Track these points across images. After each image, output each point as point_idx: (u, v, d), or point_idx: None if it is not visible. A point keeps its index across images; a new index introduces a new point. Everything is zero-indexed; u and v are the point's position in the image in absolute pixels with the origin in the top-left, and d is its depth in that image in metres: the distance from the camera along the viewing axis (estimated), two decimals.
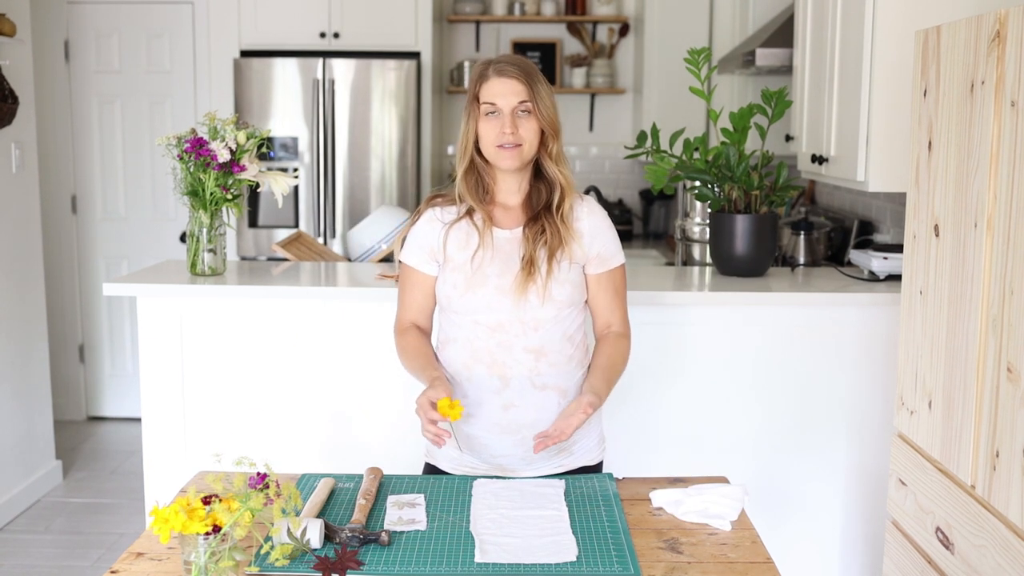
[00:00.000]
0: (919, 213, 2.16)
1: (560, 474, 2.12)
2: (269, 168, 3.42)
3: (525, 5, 5.51)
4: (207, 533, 1.51)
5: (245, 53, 5.08)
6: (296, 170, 4.92)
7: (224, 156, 2.68)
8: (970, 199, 1.91)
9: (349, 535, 1.72)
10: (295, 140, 4.96)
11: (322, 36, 5.04)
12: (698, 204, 3.31)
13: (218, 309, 2.77)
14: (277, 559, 1.59)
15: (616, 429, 2.68)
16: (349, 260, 3.37)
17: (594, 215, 2.15)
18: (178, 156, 2.72)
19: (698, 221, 3.34)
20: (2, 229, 4.08)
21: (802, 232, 3.78)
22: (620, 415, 2.72)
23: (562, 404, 2.09)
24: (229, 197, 2.75)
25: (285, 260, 3.23)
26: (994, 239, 1.82)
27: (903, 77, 2.66)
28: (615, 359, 2.13)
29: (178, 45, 5.18)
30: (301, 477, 2.06)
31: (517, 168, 2.09)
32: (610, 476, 2.07)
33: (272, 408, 2.78)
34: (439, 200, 2.17)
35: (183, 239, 5.15)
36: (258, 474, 1.60)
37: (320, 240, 4.85)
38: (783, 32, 3.85)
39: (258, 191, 3.74)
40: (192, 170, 2.72)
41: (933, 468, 2.08)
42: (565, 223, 2.10)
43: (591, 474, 2.12)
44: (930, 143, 2.09)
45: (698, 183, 2.88)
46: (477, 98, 2.08)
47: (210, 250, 2.82)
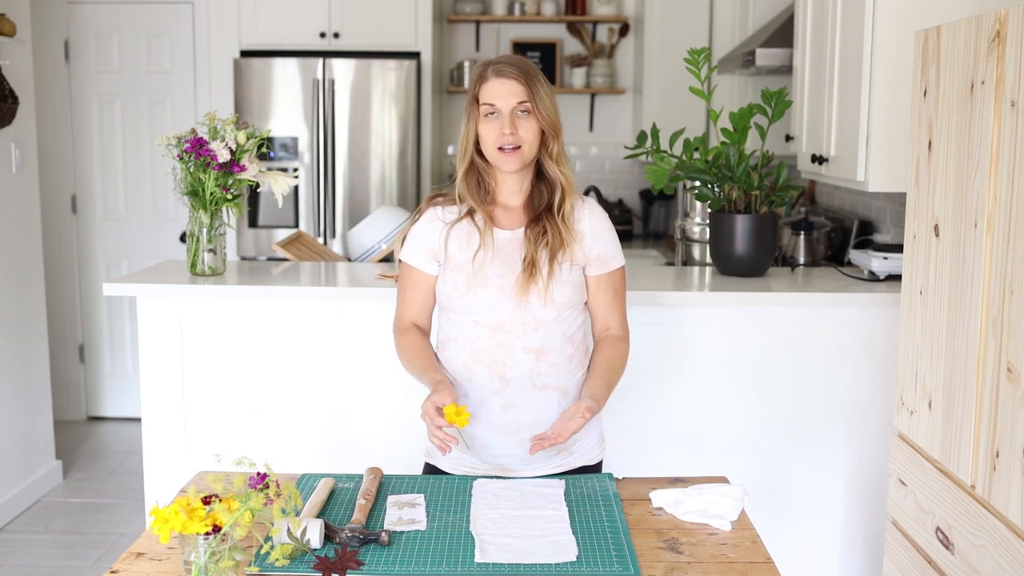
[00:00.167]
0: (919, 213, 2.16)
1: (560, 474, 2.12)
2: (269, 168, 3.42)
3: (525, 5, 5.51)
4: (207, 533, 1.51)
5: (245, 53, 5.08)
6: (296, 170, 4.92)
7: (224, 156, 2.68)
8: (970, 199, 1.91)
9: (349, 535, 1.72)
10: (295, 140, 4.96)
11: (322, 36, 5.04)
12: (698, 204, 3.31)
13: (218, 309, 2.77)
14: (277, 559, 1.59)
15: (616, 429, 2.68)
16: (349, 260, 3.37)
17: (595, 216, 2.15)
18: (178, 156, 2.72)
19: (698, 221, 3.34)
20: (2, 229, 4.08)
21: (802, 232, 3.78)
22: (620, 415, 2.72)
23: (562, 404, 2.09)
24: (229, 197, 2.75)
25: (285, 260, 3.23)
26: (994, 239, 1.82)
27: (903, 77, 2.66)
28: (614, 362, 2.13)
29: (178, 45, 5.18)
30: (301, 477, 2.06)
31: (518, 169, 2.09)
32: (610, 476, 2.07)
33: (272, 408, 2.78)
34: (440, 200, 2.17)
35: (183, 239, 5.15)
36: (258, 474, 1.60)
37: (320, 240, 4.85)
38: (783, 32, 3.85)
39: (258, 191, 3.74)
40: (192, 170, 2.72)
41: (933, 468, 2.08)
42: (566, 224, 2.10)
43: (591, 474, 2.12)
44: (930, 143, 2.09)
45: (698, 183, 2.88)
46: (477, 99, 2.08)
47: (210, 250, 2.82)
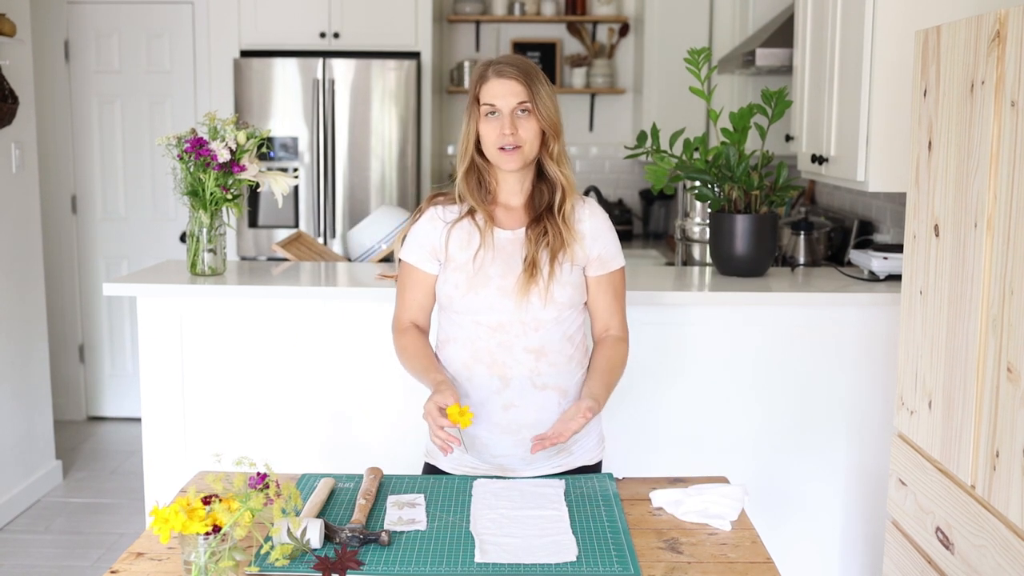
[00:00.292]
0: (919, 213, 2.16)
1: (560, 474, 2.12)
2: (269, 168, 3.42)
3: (525, 5, 5.51)
4: (207, 533, 1.51)
5: (245, 53, 5.08)
6: (296, 170, 4.92)
7: (224, 156, 2.68)
8: (970, 199, 1.91)
9: (349, 535, 1.72)
10: (295, 140, 4.96)
11: (322, 36, 5.04)
12: (698, 204, 3.31)
13: (218, 309, 2.77)
14: (277, 559, 1.59)
15: (616, 429, 2.68)
16: (349, 260, 3.37)
17: (595, 217, 2.15)
18: (178, 156, 2.72)
19: (698, 221, 3.34)
20: (2, 229, 4.08)
21: (802, 232, 3.78)
22: (620, 415, 2.72)
23: (562, 404, 2.09)
24: (229, 197, 2.75)
25: (285, 260, 3.23)
26: (994, 239, 1.82)
27: (903, 77, 2.66)
28: (614, 363, 2.13)
29: (178, 45, 5.18)
30: (301, 477, 2.06)
31: (518, 169, 2.09)
32: (610, 476, 2.07)
33: (272, 408, 2.78)
34: (441, 199, 2.17)
35: (183, 239, 5.15)
36: (258, 474, 1.60)
37: (320, 240, 4.85)
38: (783, 32, 3.85)
39: (258, 191, 3.74)
40: (192, 170, 2.72)
41: (933, 468, 2.08)
42: (567, 224, 2.10)
43: (591, 474, 2.12)
44: (930, 143, 2.09)
45: (698, 183, 2.88)
46: (477, 99, 2.08)
47: (210, 250, 2.82)
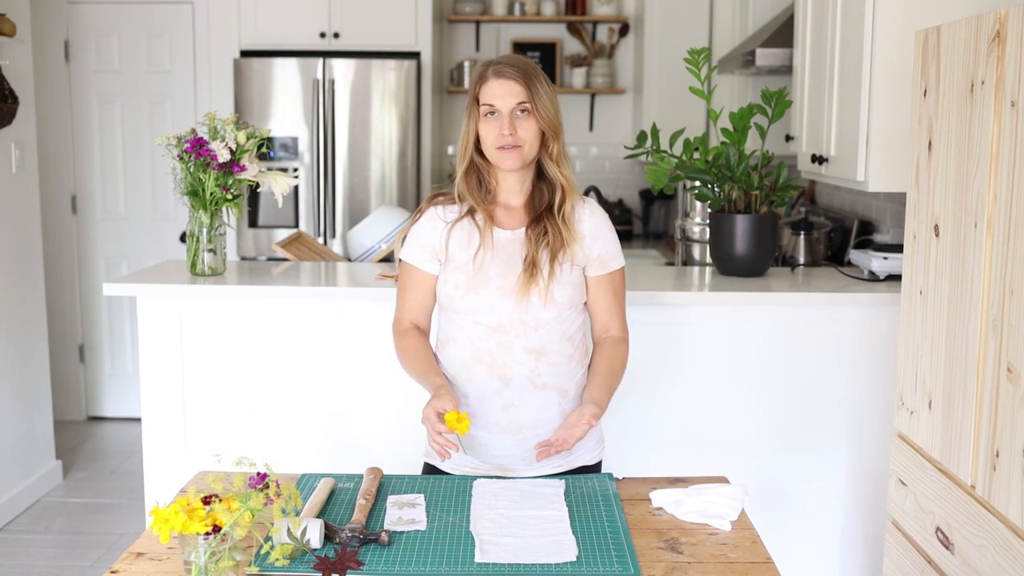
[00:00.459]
0: (919, 213, 2.16)
1: (560, 474, 2.12)
2: (269, 168, 3.42)
3: (525, 5, 5.51)
4: (207, 533, 1.51)
5: (245, 53, 5.08)
6: (296, 170, 4.92)
7: (224, 156, 2.68)
8: (970, 199, 1.91)
9: (349, 535, 1.72)
10: (295, 140, 4.96)
11: (322, 36, 5.04)
12: (698, 204, 3.31)
13: (218, 309, 2.77)
14: (277, 559, 1.59)
15: (616, 429, 2.68)
16: (349, 260, 3.37)
17: (595, 217, 2.15)
18: (178, 156, 2.72)
19: (698, 221, 3.34)
20: (2, 229, 4.08)
21: (802, 232, 3.78)
22: (620, 415, 2.72)
23: (562, 404, 2.10)
24: (229, 197, 2.75)
25: (285, 260, 3.23)
26: (994, 239, 1.82)
27: (903, 77, 2.66)
28: (615, 365, 2.13)
29: (178, 45, 5.18)
30: (301, 477, 2.06)
31: (518, 168, 2.09)
32: (610, 476, 2.07)
33: (272, 408, 2.78)
34: (441, 199, 2.17)
35: (183, 239, 5.15)
36: (258, 474, 1.60)
37: (320, 240, 4.85)
38: (783, 32, 3.85)
39: (258, 191, 3.74)
40: (192, 170, 2.72)
41: (933, 468, 2.08)
42: (567, 224, 2.09)
43: (591, 474, 2.12)
44: (930, 143, 2.09)
45: (698, 183, 2.88)
46: (477, 99, 2.08)
47: (210, 250, 2.82)
